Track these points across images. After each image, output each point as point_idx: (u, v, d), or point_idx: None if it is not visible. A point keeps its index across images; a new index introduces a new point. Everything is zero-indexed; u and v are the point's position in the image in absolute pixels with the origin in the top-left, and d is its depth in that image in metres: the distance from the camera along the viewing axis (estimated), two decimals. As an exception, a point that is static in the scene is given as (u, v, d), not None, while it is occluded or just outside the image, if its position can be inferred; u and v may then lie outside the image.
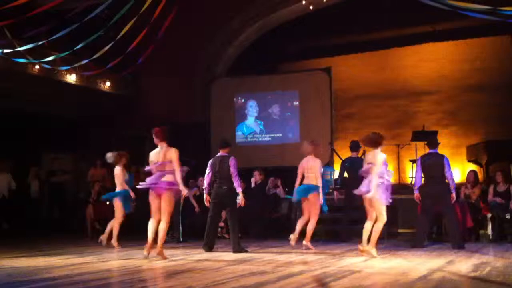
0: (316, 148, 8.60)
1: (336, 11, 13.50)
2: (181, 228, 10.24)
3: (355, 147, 10.04)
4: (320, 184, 8.35)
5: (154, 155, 7.32)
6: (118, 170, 9.17)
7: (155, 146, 7.39)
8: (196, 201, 11.27)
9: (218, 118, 14.34)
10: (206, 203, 8.50)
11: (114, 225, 9.13)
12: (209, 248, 8.33)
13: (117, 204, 9.14)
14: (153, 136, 7.32)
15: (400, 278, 5.51)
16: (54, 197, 14.32)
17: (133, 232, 9.80)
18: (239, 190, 8.23)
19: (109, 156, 9.20)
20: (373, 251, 7.36)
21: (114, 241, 9.06)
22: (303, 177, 8.47)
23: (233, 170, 8.21)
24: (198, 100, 14.82)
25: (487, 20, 9.98)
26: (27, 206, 13.60)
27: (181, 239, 10.13)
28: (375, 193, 7.22)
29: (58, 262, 7.06)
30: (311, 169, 8.40)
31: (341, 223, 10.21)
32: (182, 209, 10.43)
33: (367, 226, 7.45)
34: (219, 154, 8.49)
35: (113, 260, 7.31)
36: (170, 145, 7.30)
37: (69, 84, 13.21)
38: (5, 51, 10.40)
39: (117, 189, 9.16)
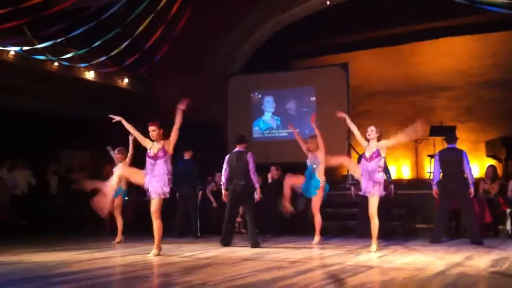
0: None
1: (351, 7, 13.42)
2: (198, 223, 10.28)
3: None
4: (322, 178, 8.52)
5: None
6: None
7: None
8: (213, 196, 11.34)
9: (234, 114, 14.36)
10: (224, 198, 8.55)
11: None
12: (227, 243, 8.38)
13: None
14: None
15: (418, 273, 5.49)
16: (72, 194, 14.45)
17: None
18: (257, 185, 8.28)
19: None
20: (373, 246, 7.50)
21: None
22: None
23: (251, 166, 8.26)
24: (213, 97, 14.82)
25: (505, 14, 9.86)
26: (46, 202, 13.74)
27: (198, 235, 10.17)
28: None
29: (78, 257, 7.14)
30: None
31: (355, 219, 10.19)
32: (200, 205, 10.49)
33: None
34: (236, 149, 8.53)
35: (132, 255, 7.36)
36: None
37: (86, 81, 13.31)
38: (24, 48, 10.51)
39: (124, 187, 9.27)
